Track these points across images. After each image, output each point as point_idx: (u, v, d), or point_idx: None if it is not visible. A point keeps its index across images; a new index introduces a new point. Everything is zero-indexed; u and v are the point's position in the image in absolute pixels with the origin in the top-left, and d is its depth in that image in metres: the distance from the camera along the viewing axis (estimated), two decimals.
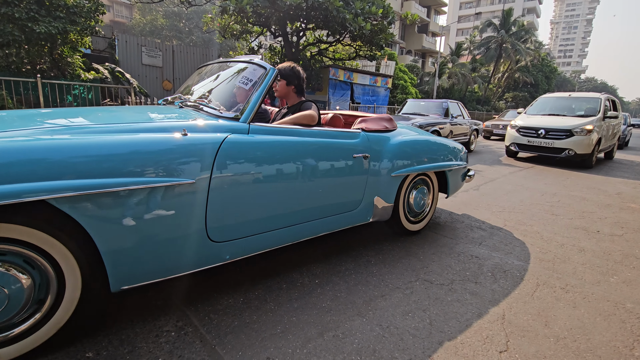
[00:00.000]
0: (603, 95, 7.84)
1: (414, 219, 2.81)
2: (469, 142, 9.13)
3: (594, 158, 7.24)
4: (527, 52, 34.51)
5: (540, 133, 7.15)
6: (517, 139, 7.56)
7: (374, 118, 2.54)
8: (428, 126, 6.95)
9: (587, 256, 2.67)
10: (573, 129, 6.79)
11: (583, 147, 6.78)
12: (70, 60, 10.99)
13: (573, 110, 7.77)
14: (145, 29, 32.91)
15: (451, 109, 8.35)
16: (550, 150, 7.12)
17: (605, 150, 8.34)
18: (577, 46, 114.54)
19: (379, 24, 14.56)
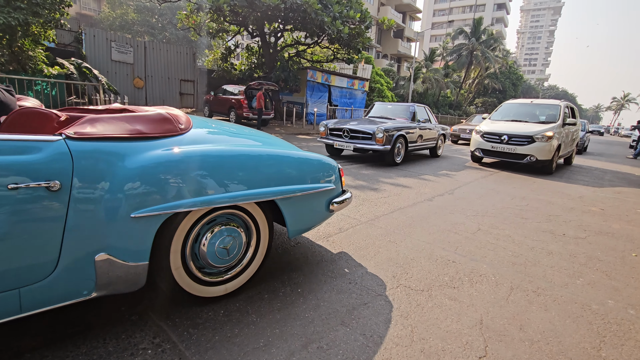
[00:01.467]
0: (562, 103, 8.00)
1: (215, 278, 1.81)
2: (437, 147, 8.92)
3: (554, 164, 7.35)
4: (495, 60, 36.09)
5: (503, 139, 7.24)
6: (482, 145, 7.61)
7: (115, 118, 1.53)
8: (395, 130, 6.73)
9: (554, 259, 2.81)
10: (534, 135, 6.90)
11: (544, 153, 6.87)
12: (31, 54, 10.33)
13: (534, 117, 7.94)
14: (114, 23, 31.52)
15: (418, 113, 8.18)
16: (513, 156, 7.20)
17: (564, 156, 8.48)
18: (541, 55, 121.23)
19: (356, 27, 14.75)
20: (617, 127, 65.89)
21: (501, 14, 71.11)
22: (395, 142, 6.68)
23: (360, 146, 6.64)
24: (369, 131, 6.60)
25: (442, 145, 9.23)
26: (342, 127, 6.98)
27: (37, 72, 10.25)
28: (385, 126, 6.61)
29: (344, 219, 3.37)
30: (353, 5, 14.61)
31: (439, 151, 9.12)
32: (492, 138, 7.44)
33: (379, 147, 6.45)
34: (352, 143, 6.76)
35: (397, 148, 6.83)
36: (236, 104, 13.38)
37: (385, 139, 6.44)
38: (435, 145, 8.79)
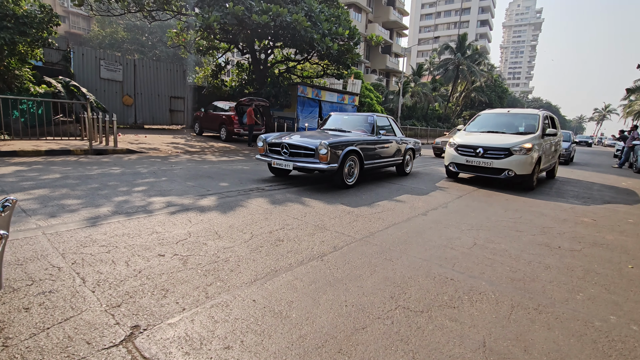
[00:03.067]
0: (541, 112, 7.36)
1: None
2: (404, 163, 7.64)
3: (535, 178, 6.70)
4: (481, 74, 37.07)
5: (478, 152, 6.59)
6: (456, 159, 6.93)
7: None
8: (345, 145, 5.50)
9: (553, 273, 2.77)
10: (512, 148, 6.27)
11: (523, 166, 6.24)
12: (18, 73, 10.18)
13: (512, 127, 7.28)
14: (104, 42, 31.57)
15: (379, 125, 6.95)
16: (489, 170, 6.52)
17: (546, 169, 7.84)
18: (524, 69, 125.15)
19: (345, 44, 15.00)
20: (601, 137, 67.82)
21: (484, 30, 73.62)
22: (344, 159, 5.47)
23: (301, 165, 5.36)
24: (310, 146, 5.34)
25: (411, 161, 8.04)
26: (281, 141, 5.77)
27: (23, 91, 10.08)
28: (332, 140, 5.32)
29: (338, 236, 3.29)
30: (342, 23, 14.89)
31: (407, 168, 7.87)
32: (466, 151, 6.78)
33: (323, 166, 5.16)
34: (292, 161, 5.49)
35: (347, 167, 5.65)
36: (227, 120, 13.34)
37: (330, 155, 5.20)
38: (403, 162, 7.58)
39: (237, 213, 3.87)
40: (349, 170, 5.77)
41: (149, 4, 13.39)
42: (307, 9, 13.20)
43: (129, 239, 2.85)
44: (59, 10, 36.21)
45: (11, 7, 9.12)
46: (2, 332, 1.60)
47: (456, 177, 7.75)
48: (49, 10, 10.16)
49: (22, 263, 2.30)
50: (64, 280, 2.12)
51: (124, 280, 2.17)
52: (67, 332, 1.63)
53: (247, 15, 11.53)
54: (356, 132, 6.59)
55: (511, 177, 6.34)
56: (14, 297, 1.89)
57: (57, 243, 2.68)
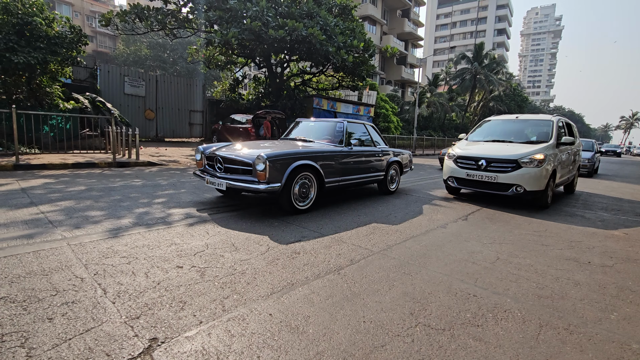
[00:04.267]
0: (555, 118, 6.50)
1: None
2: (387, 179, 6.34)
3: (550, 195, 5.78)
4: (499, 83, 36.49)
5: (481, 164, 5.68)
6: (455, 172, 6.02)
7: None
8: (291, 158, 4.23)
9: (583, 291, 2.62)
10: (520, 159, 5.38)
11: (534, 181, 5.31)
12: (48, 90, 10.74)
13: (522, 136, 6.41)
14: (128, 59, 33.01)
15: (352, 133, 5.73)
16: (494, 186, 5.59)
17: (563, 183, 6.82)
18: (544, 77, 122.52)
19: (360, 56, 15.12)
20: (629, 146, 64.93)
21: (502, 38, 72.82)
22: (293, 176, 4.25)
23: (235, 184, 4.12)
24: (246, 160, 4.21)
25: (398, 176, 6.68)
26: (214, 153, 4.68)
27: (53, 107, 10.61)
28: (272, 152, 4.12)
29: (355, 249, 3.25)
30: (357, 35, 15.06)
31: (392, 185, 6.56)
32: (466, 164, 5.89)
33: (260, 187, 3.93)
34: (226, 179, 4.27)
35: (299, 186, 4.41)
36: (244, 133, 13.59)
37: (270, 172, 3.97)
38: (385, 178, 6.27)
39: (253, 225, 3.88)
40: (301, 191, 4.48)
41: (171, 22, 13.95)
42: (322, 22, 13.43)
43: (148, 250, 2.90)
44: (87, 30, 38.29)
45: (44, 29, 9.69)
46: (27, 341, 1.64)
47: (458, 194, 6.77)
48: (79, 31, 10.73)
49: (47, 273, 2.37)
50: (86, 291, 2.16)
51: (143, 291, 2.19)
52: (88, 344, 1.65)
53: (264, 31, 11.83)
54: (320, 143, 5.26)
55: (520, 194, 5.40)
56: (38, 307, 1.94)
57: (80, 254, 2.75)
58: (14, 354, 1.55)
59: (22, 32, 9.42)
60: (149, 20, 13.33)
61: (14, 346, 1.60)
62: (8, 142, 9.14)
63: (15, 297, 2.03)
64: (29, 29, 9.46)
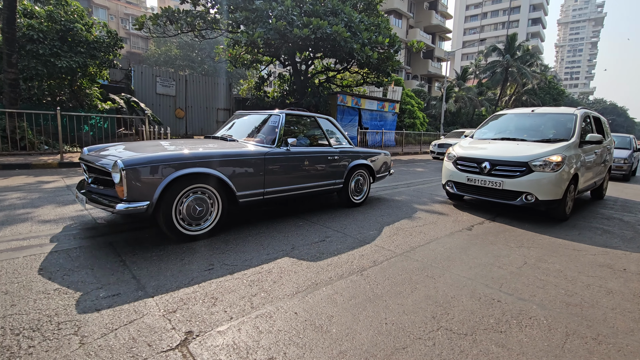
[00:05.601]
0: (580, 111, 5.55)
1: None
2: (350, 188, 4.99)
3: (569, 205, 4.86)
4: (533, 76, 34.79)
5: (484, 167, 4.82)
6: (454, 176, 5.20)
7: None
8: (169, 165, 3.06)
9: (616, 299, 2.54)
10: (531, 161, 4.50)
11: (548, 189, 4.42)
12: (88, 92, 11.42)
13: (537, 133, 5.45)
14: (160, 59, 34.29)
15: (292, 129, 4.55)
16: (499, 194, 4.71)
17: (589, 189, 5.87)
18: (584, 68, 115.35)
19: (385, 52, 14.94)
20: None
21: (536, 28, 69.16)
22: (175, 192, 3.09)
23: (94, 203, 3.04)
24: (105, 168, 3.07)
25: (367, 184, 5.34)
26: (81, 157, 3.69)
27: (92, 107, 11.28)
28: (136, 157, 2.96)
29: (377, 250, 3.29)
30: (382, 31, 14.88)
31: (359, 197, 5.19)
32: (467, 166, 5.07)
33: (118, 208, 2.80)
34: (86, 194, 3.21)
35: (184, 205, 3.18)
36: None
37: (130, 186, 2.86)
38: (346, 186, 4.93)
39: (279, 224, 4.01)
40: (195, 210, 3.25)
41: (199, 24, 14.38)
42: (346, 19, 13.38)
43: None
44: (121, 32, 40.12)
45: (84, 34, 10.31)
46: (79, 330, 1.83)
47: (461, 200, 5.95)
48: (115, 35, 11.32)
49: (92, 267, 2.59)
50: (130, 285, 2.35)
51: (179, 287, 2.36)
52: (132, 334, 1.82)
53: (288, 30, 11.96)
54: (252, 142, 4.15)
55: (531, 204, 4.48)
56: (87, 299, 2.14)
57: (118, 248, 2.98)
58: (69, 341, 1.74)
59: (65, 38, 10.08)
60: (179, 23, 13.81)
61: (68, 334, 1.79)
62: (53, 141, 9.84)
63: (67, 290, 2.25)
64: (71, 34, 10.10)
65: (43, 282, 2.32)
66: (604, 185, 6.84)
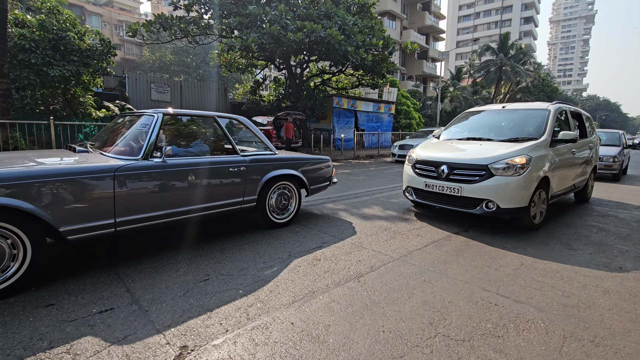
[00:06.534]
0: (553, 105, 4.98)
1: None
2: (265, 207, 3.95)
3: (539, 213, 4.28)
4: (527, 74, 35.01)
5: (442, 171, 4.28)
6: (413, 181, 4.67)
7: None
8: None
9: (612, 299, 2.54)
10: (491, 164, 3.98)
11: (511, 195, 3.89)
12: (82, 100, 11.36)
13: (506, 131, 4.96)
14: (154, 65, 34.22)
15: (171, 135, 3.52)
16: (459, 201, 4.17)
17: (568, 192, 5.19)
18: (576, 65, 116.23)
19: (379, 54, 14.99)
20: None
21: (529, 27, 69.64)
22: None
23: None
24: None
25: (295, 199, 4.28)
26: None
27: (86, 115, 11.22)
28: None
29: (375, 255, 3.28)
30: (375, 33, 14.93)
31: (282, 215, 4.17)
32: (426, 170, 4.53)
33: None
34: None
35: None
36: (265, 135, 13.82)
37: None
38: (263, 204, 3.92)
39: (275, 231, 3.99)
40: None
41: (193, 30, 14.37)
42: (340, 22, 13.41)
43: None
44: (115, 39, 40.02)
45: (77, 42, 10.26)
46: (72, 348, 1.80)
47: (424, 207, 5.29)
48: (108, 43, 11.28)
49: (85, 281, 2.56)
50: (124, 299, 2.32)
51: (174, 300, 2.33)
52: (125, 351, 1.79)
53: (282, 34, 11.97)
54: (99, 155, 3.14)
55: (492, 213, 3.95)
56: (79, 315, 2.11)
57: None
58: (61, 359, 1.71)
59: (57, 46, 10.02)
60: (172, 29, 13.79)
61: (60, 352, 1.77)
62: None
63: (59, 305, 2.22)
64: (63, 43, 10.05)
65: (35, 297, 2.29)
66: (589, 186, 6.17)
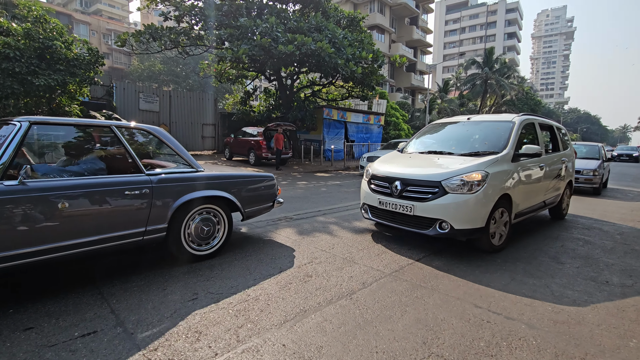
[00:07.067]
0: (519, 117, 4.63)
1: None
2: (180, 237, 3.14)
3: (498, 235, 3.89)
4: (511, 87, 36.07)
5: (395, 187, 3.93)
6: (368, 198, 4.31)
7: None
8: None
9: (601, 314, 2.57)
10: (444, 181, 3.64)
11: (465, 214, 3.55)
12: (67, 110, 11.15)
13: (468, 144, 4.59)
14: (143, 75, 33.98)
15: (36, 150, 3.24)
16: (412, 221, 3.79)
17: (537, 210, 4.81)
18: (558, 79, 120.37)
19: (369, 67, 15.22)
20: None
21: (512, 42, 72.09)
22: None
23: None
24: None
25: (222, 226, 3.51)
26: None
27: None
28: None
29: (367, 271, 3.26)
30: (365, 47, 15.19)
31: (205, 247, 3.39)
32: (380, 186, 4.18)
33: None
34: None
35: None
36: (255, 145, 13.78)
37: None
38: (176, 235, 3.13)
39: (266, 246, 3.94)
40: None
41: (183, 41, 14.36)
42: (330, 35, 13.62)
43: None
44: (103, 48, 39.70)
45: (64, 51, 10.12)
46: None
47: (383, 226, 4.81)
48: (96, 52, 11.15)
49: (67, 302, 2.46)
50: (107, 321, 2.24)
51: (160, 321, 2.25)
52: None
53: (273, 46, 12.07)
54: None
55: (446, 234, 3.59)
56: (60, 339, 2.02)
57: None
58: None
59: (43, 55, 9.86)
60: (162, 40, 13.76)
61: None
62: None
63: (39, 329, 2.12)
64: (50, 52, 9.89)
65: (13, 320, 2.19)
66: (564, 203, 5.77)
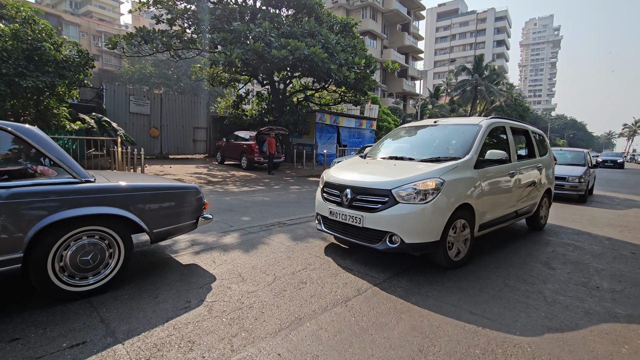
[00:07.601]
0: (486, 120, 4.32)
1: None
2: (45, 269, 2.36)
3: (457, 249, 3.52)
4: (500, 93, 36.73)
5: (345, 196, 3.61)
6: (320, 207, 3.97)
7: None
8: None
9: (593, 320, 2.60)
10: (394, 189, 3.31)
11: (415, 227, 3.20)
12: (56, 112, 10.95)
13: (432, 149, 4.29)
14: (133, 77, 33.63)
15: None
16: (361, 233, 3.47)
17: (506, 221, 4.42)
18: (545, 86, 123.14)
19: (361, 72, 15.33)
20: (633, 154, 64.18)
21: (501, 49, 73.56)
22: None
23: None
24: None
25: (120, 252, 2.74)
26: None
27: (60, 128, 10.79)
28: None
29: (362, 277, 3.24)
30: (358, 52, 15.31)
31: (86, 281, 2.56)
32: (332, 195, 3.85)
33: None
34: None
35: None
36: (247, 149, 13.70)
37: None
38: (38, 265, 2.34)
39: (260, 252, 3.90)
40: None
41: (176, 44, 14.27)
42: (323, 41, 13.69)
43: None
44: (93, 49, 39.19)
45: (53, 53, 9.95)
46: None
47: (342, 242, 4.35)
48: (86, 54, 11.00)
49: (54, 311, 2.39)
50: (97, 330, 2.17)
51: (152, 330, 2.20)
52: None
53: (266, 51, 12.06)
54: None
55: (396, 249, 3.24)
56: (48, 350, 1.95)
57: None
58: None
59: (32, 57, 9.68)
60: (154, 43, 13.64)
61: None
62: None
63: (25, 340, 2.05)
64: (38, 53, 9.72)
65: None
66: (541, 212, 5.36)
